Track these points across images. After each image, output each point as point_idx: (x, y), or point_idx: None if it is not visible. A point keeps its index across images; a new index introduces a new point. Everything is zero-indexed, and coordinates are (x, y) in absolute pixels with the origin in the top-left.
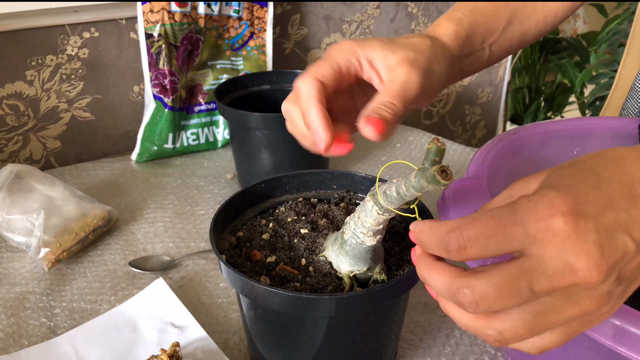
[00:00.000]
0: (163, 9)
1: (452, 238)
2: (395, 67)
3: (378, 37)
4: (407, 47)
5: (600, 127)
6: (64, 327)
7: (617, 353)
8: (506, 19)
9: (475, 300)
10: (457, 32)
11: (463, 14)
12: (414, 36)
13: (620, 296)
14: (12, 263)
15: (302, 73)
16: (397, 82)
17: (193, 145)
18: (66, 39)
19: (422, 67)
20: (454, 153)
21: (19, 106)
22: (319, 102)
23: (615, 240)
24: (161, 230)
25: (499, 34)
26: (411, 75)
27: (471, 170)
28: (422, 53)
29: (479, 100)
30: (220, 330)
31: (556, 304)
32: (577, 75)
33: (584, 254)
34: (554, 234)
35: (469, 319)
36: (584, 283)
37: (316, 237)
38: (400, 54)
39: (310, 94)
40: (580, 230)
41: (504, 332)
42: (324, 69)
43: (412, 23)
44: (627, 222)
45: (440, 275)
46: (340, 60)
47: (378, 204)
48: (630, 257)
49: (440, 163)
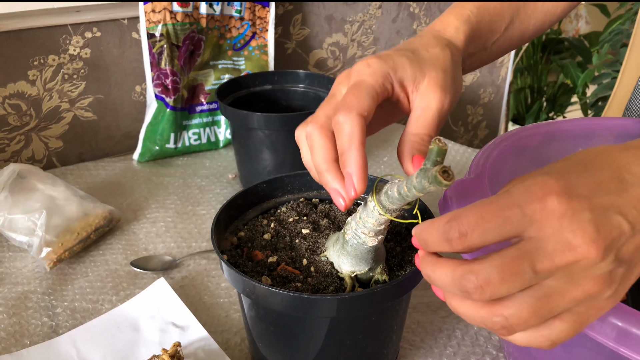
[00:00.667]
0: (165, 9)
1: (452, 226)
2: (426, 93)
3: (403, 51)
4: (433, 64)
5: (603, 127)
6: (65, 326)
7: (619, 354)
8: (509, 18)
9: (480, 285)
10: (466, 33)
11: (471, 12)
12: (434, 44)
13: (622, 280)
14: (14, 262)
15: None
16: (430, 110)
17: (195, 145)
18: (68, 38)
19: (450, 88)
20: (456, 153)
21: (21, 106)
22: (362, 145)
23: (610, 220)
24: (163, 230)
25: (500, 33)
26: (444, 102)
27: (473, 170)
28: (448, 71)
29: (480, 101)
30: (222, 330)
31: (559, 286)
32: (579, 75)
33: (580, 231)
34: (549, 212)
35: (476, 309)
36: (584, 259)
37: (317, 237)
38: (429, 74)
39: (354, 135)
40: (574, 209)
41: (509, 318)
42: (366, 101)
43: (414, 23)
44: (619, 204)
45: (443, 268)
46: (378, 88)
47: (379, 204)
48: (626, 238)
49: (442, 163)
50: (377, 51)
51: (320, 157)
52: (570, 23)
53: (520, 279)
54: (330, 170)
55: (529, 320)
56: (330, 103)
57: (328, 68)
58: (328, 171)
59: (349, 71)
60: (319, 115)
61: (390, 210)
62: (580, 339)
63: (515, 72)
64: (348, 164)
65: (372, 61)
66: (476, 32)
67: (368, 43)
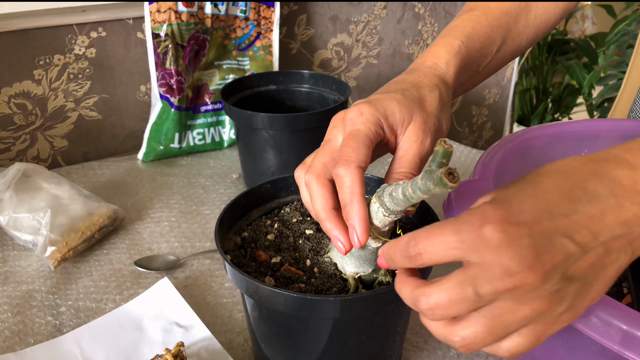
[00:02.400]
0: (170, 9)
1: (410, 246)
2: (410, 136)
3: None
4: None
5: (608, 129)
6: (69, 325)
7: (624, 358)
8: (500, 40)
9: (431, 307)
10: (457, 66)
11: (462, 42)
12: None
13: (578, 295)
14: (18, 261)
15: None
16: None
17: (199, 145)
18: (74, 38)
19: (433, 131)
20: (461, 154)
21: (27, 105)
22: (363, 197)
23: (554, 244)
24: (167, 229)
25: (492, 56)
26: (425, 145)
27: (478, 172)
28: (432, 115)
29: (485, 102)
30: (225, 331)
31: (509, 306)
32: (585, 76)
33: (517, 257)
34: (487, 241)
35: (438, 327)
36: (524, 285)
37: (321, 238)
38: (415, 118)
39: (354, 188)
40: (512, 237)
41: (466, 338)
42: (363, 152)
43: (419, 24)
44: (565, 226)
45: (406, 288)
46: (371, 136)
47: (384, 205)
48: (576, 258)
49: (447, 165)
50: (381, 52)
51: (319, 206)
52: (577, 24)
53: (466, 302)
54: (329, 219)
55: (485, 339)
56: (325, 150)
57: (333, 68)
58: (328, 220)
59: (342, 117)
60: (315, 163)
61: (395, 212)
62: (585, 342)
63: (521, 73)
64: (351, 217)
65: (364, 109)
66: (467, 62)
67: (373, 43)
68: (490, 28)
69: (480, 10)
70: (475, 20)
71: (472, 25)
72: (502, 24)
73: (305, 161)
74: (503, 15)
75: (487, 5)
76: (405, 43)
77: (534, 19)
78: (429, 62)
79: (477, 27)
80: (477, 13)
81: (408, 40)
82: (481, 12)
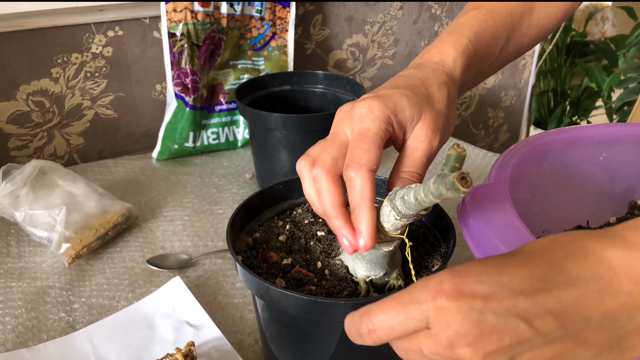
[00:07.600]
0: (186, 9)
1: (362, 322)
2: (418, 134)
3: (403, 89)
4: (430, 105)
5: (628, 133)
6: (82, 322)
7: None
8: (504, 40)
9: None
10: (464, 64)
11: (469, 40)
12: (432, 81)
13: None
14: (34, 257)
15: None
16: (420, 151)
17: (213, 145)
18: (91, 37)
19: (441, 129)
20: (476, 157)
21: (45, 103)
22: (372, 202)
23: (506, 324)
24: (180, 228)
25: (495, 56)
26: (433, 144)
27: (493, 176)
28: (441, 113)
29: (502, 104)
30: (236, 331)
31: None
32: (604, 79)
33: (462, 331)
34: (439, 311)
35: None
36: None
37: (332, 240)
38: (424, 116)
39: (365, 193)
40: (463, 310)
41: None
42: (374, 153)
43: (436, 24)
44: (525, 308)
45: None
46: (382, 134)
47: (396, 209)
48: (532, 346)
49: (461, 169)
50: (397, 53)
51: (328, 203)
52: (596, 25)
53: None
54: (338, 216)
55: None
56: (335, 144)
57: (348, 69)
58: (337, 217)
59: (350, 110)
60: (325, 158)
61: (407, 215)
62: None
63: (538, 75)
64: (359, 221)
65: (374, 105)
66: (473, 61)
67: (388, 44)
68: (496, 28)
69: (486, 9)
70: (482, 18)
71: (478, 23)
72: (507, 24)
73: (309, 153)
74: (508, 15)
75: (493, 4)
76: (422, 44)
77: (537, 21)
78: (436, 57)
79: (484, 26)
80: (483, 12)
81: (424, 41)
82: (487, 10)
